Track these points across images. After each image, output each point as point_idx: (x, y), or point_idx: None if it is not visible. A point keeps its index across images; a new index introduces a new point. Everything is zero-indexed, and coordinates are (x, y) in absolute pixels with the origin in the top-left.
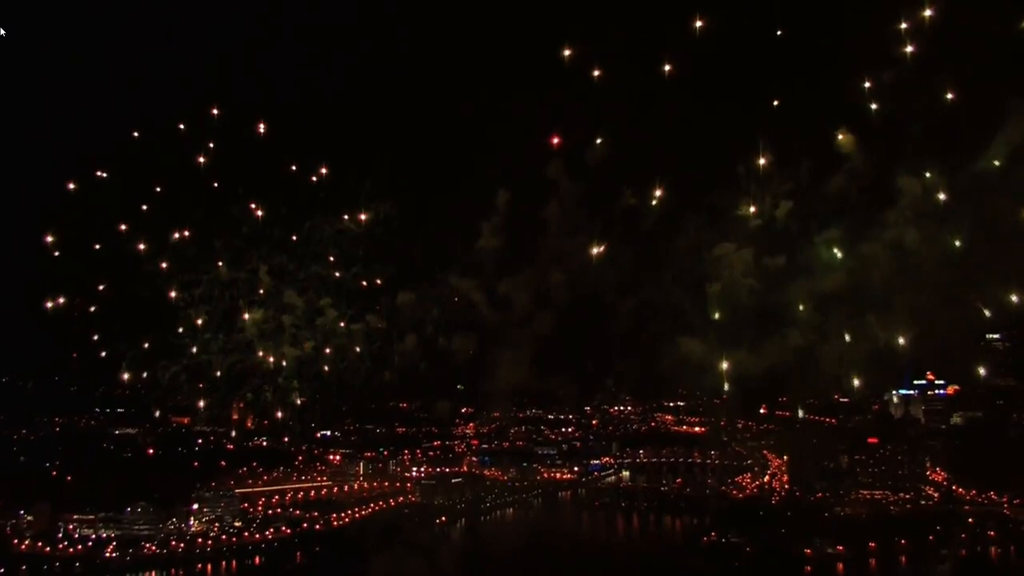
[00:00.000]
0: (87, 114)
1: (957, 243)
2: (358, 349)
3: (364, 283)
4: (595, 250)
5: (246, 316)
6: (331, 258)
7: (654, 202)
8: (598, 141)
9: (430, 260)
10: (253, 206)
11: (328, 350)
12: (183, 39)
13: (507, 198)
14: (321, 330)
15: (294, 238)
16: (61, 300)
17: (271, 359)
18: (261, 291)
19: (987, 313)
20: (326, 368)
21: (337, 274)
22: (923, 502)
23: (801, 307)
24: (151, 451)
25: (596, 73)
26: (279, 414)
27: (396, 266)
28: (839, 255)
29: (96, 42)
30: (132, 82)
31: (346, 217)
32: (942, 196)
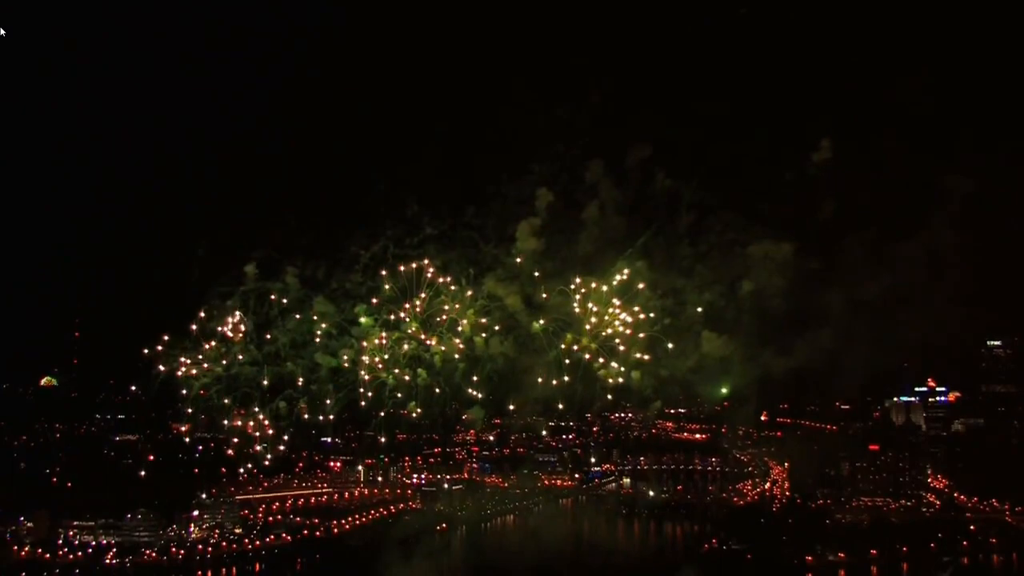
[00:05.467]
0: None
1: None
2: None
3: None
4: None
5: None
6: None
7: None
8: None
9: (466, 264)
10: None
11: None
12: (199, 51)
13: (548, 200)
14: (356, 338)
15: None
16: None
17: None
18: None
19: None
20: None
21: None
22: (924, 509)
23: (815, 313)
24: (151, 457)
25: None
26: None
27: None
28: (861, 261)
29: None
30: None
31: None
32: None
